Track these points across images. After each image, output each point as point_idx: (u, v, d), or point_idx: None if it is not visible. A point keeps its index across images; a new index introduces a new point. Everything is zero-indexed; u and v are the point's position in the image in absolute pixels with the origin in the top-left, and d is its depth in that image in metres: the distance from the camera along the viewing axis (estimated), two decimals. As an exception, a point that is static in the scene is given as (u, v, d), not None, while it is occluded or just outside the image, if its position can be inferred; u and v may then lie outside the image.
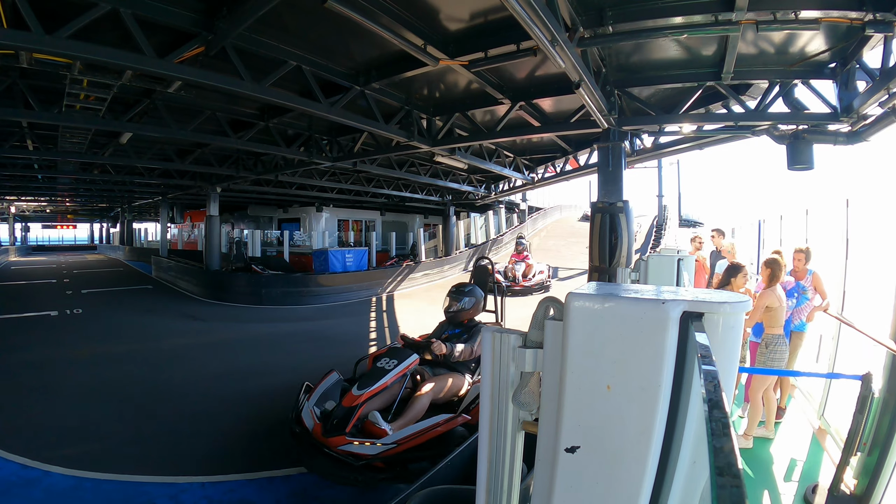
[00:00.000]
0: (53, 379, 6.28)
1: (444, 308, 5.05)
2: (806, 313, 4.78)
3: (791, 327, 4.78)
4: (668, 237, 21.36)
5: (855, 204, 5.64)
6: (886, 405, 3.25)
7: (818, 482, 3.51)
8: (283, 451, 4.38)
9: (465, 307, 4.94)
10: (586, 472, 0.87)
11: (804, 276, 4.91)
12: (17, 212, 33.06)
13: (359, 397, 3.92)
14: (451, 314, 4.97)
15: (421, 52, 4.98)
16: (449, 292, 5.08)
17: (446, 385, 4.37)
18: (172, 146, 10.80)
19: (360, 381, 4.07)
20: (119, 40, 4.47)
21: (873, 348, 3.50)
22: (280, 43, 5.41)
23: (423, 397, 4.11)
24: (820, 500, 3.28)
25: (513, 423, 1.06)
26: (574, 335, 0.86)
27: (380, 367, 4.15)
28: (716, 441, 0.40)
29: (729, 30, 4.41)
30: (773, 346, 4.28)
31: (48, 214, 38.01)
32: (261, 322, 11.03)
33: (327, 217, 23.83)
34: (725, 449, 0.39)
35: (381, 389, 4.03)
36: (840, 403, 3.90)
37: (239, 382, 6.40)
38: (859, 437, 3.21)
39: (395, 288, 16.09)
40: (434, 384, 4.27)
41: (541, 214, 29.65)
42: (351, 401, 3.93)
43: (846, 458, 3.26)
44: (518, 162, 12.62)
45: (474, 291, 5.05)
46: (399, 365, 4.15)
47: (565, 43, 4.00)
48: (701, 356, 0.59)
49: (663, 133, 8.09)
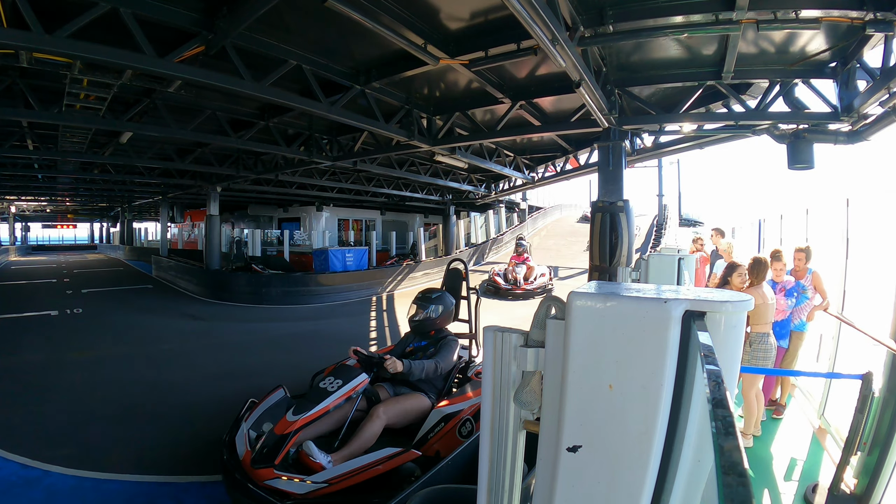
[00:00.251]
0: (54, 379, 6.28)
1: (408, 316, 4.51)
2: (806, 312, 4.78)
3: (791, 327, 4.78)
4: (669, 237, 21.35)
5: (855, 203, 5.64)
6: (887, 405, 3.25)
7: (818, 481, 3.52)
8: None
9: (433, 316, 4.37)
10: (588, 472, 0.87)
11: (804, 275, 4.91)
12: (17, 211, 33.05)
13: (293, 423, 3.35)
14: (417, 323, 4.41)
15: (421, 52, 4.98)
16: (415, 299, 4.51)
17: (403, 408, 3.80)
18: (172, 145, 10.80)
19: (296, 405, 3.52)
20: (119, 40, 4.46)
21: (873, 348, 3.50)
22: (280, 42, 5.41)
23: (374, 423, 3.51)
24: (820, 500, 3.28)
25: (514, 422, 1.06)
26: (576, 334, 0.86)
27: (322, 388, 3.59)
28: (721, 440, 0.40)
29: (729, 29, 4.41)
30: (757, 345, 4.26)
31: (48, 214, 38.01)
32: (261, 321, 11.03)
33: (327, 216, 23.82)
34: (730, 448, 0.39)
35: (320, 415, 3.46)
36: (840, 403, 3.90)
37: (239, 382, 6.39)
38: (859, 437, 3.21)
39: (395, 287, 16.09)
40: (387, 407, 3.69)
41: (541, 214, 29.67)
42: (283, 427, 3.35)
43: (846, 458, 3.25)
44: (518, 161, 12.63)
45: (443, 298, 4.49)
46: (344, 386, 3.57)
47: (566, 42, 4.00)
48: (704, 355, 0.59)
49: (663, 132, 8.09)
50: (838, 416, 4.14)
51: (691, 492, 0.86)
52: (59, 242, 44.65)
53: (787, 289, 4.75)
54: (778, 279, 4.81)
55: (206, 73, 5.13)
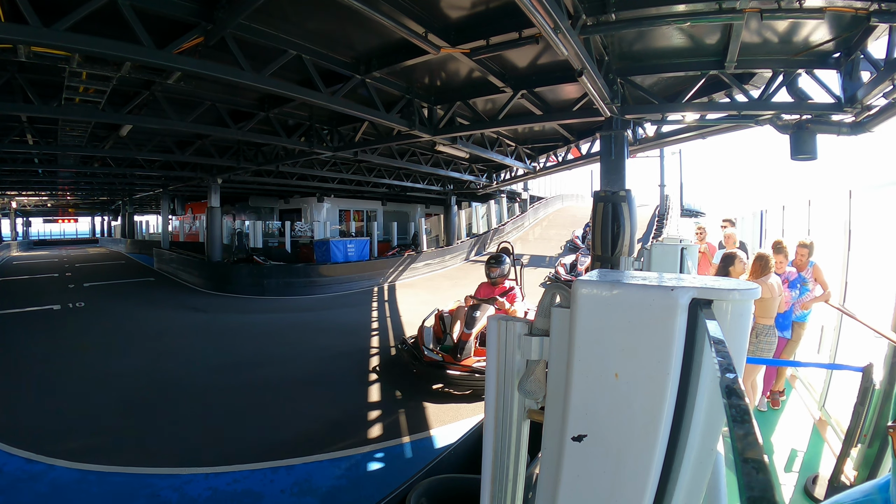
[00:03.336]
0: (57, 372, 6.31)
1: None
2: (806, 302, 4.77)
3: (792, 318, 4.77)
4: (671, 227, 21.28)
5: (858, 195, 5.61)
6: (887, 397, 3.25)
7: (819, 473, 3.52)
8: (286, 443, 4.40)
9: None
10: (593, 461, 0.86)
11: (805, 267, 4.89)
12: (18, 207, 33.04)
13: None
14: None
15: (422, 41, 4.94)
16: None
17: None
18: (173, 138, 10.77)
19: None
20: (118, 32, 4.43)
21: (875, 340, 3.49)
22: (280, 32, 5.37)
23: None
24: (820, 491, 3.29)
25: (518, 411, 1.06)
26: (582, 322, 0.85)
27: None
28: (737, 428, 0.39)
29: (733, 18, 4.36)
30: (763, 337, 4.28)
31: (49, 209, 38.04)
32: (263, 313, 11.06)
33: (328, 207, 23.80)
34: (747, 435, 0.38)
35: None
36: (841, 394, 3.90)
37: (241, 374, 6.42)
38: (860, 429, 3.21)
39: (396, 278, 16.10)
40: None
41: (542, 204, 29.61)
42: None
43: (847, 450, 3.26)
44: (520, 151, 12.57)
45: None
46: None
47: (568, 31, 3.96)
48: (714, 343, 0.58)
49: (666, 122, 8.03)
50: (839, 407, 4.14)
51: (697, 480, 0.85)
52: (60, 237, 44.63)
53: (790, 280, 4.73)
54: (780, 270, 4.79)
55: (205, 64, 5.10)
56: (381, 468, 4.19)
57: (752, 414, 0.42)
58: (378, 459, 4.31)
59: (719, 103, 6.93)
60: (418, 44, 5.02)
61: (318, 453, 4.30)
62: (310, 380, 6.24)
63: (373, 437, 4.68)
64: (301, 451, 4.29)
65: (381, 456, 4.36)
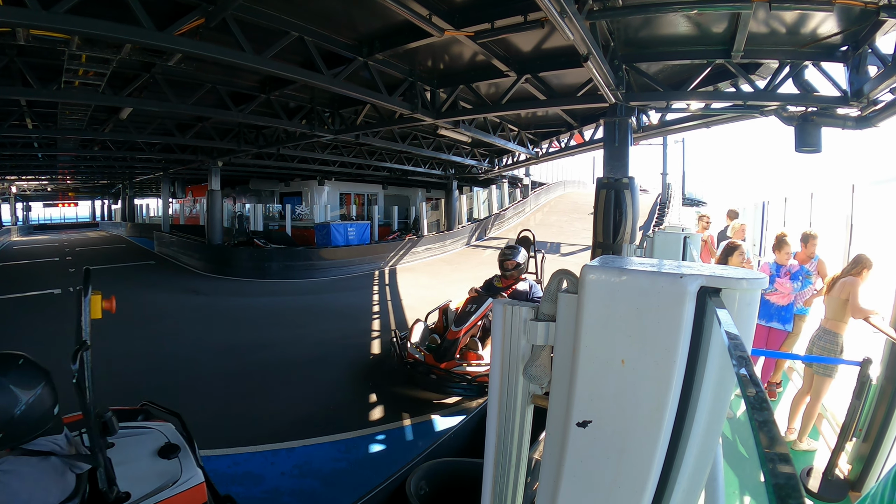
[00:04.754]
0: (56, 357, 6.31)
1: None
2: (807, 298, 4.76)
3: (794, 310, 4.77)
4: (672, 215, 21.22)
5: (860, 189, 5.59)
6: (883, 392, 3.27)
7: (813, 465, 3.55)
8: (286, 426, 4.44)
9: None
10: (597, 447, 0.87)
11: (809, 260, 4.85)
12: (18, 191, 32.93)
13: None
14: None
15: (426, 23, 4.87)
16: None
17: None
18: (173, 120, 10.69)
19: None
20: (117, 13, 4.36)
21: (873, 335, 3.49)
22: (282, 13, 5.29)
23: None
24: (814, 484, 3.33)
25: (522, 396, 1.06)
26: (589, 308, 0.85)
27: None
28: (757, 415, 0.39)
29: (741, 7, 4.32)
30: None
31: (49, 193, 37.83)
32: (263, 296, 11.09)
33: (329, 191, 23.70)
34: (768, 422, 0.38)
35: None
36: (838, 388, 3.91)
37: (241, 356, 6.46)
38: (855, 423, 3.23)
39: (397, 262, 16.11)
40: None
41: (544, 190, 29.49)
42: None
43: (841, 444, 3.29)
44: (522, 136, 12.51)
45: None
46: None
47: (574, 15, 3.91)
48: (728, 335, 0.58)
49: (670, 110, 7.99)
50: (835, 401, 4.16)
51: (699, 467, 0.86)
52: (60, 221, 44.49)
53: (793, 272, 4.72)
54: (782, 262, 4.78)
55: (206, 45, 5.03)
56: (382, 450, 4.23)
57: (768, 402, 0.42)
58: (379, 441, 4.35)
59: (724, 93, 6.88)
60: (422, 26, 4.95)
61: (319, 436, 4.34)
62: (310, 362, 6.27)
63: (373, 420, 4.72)
64: (301, 434, 4.33)
65: (381, 438, 4.40)
